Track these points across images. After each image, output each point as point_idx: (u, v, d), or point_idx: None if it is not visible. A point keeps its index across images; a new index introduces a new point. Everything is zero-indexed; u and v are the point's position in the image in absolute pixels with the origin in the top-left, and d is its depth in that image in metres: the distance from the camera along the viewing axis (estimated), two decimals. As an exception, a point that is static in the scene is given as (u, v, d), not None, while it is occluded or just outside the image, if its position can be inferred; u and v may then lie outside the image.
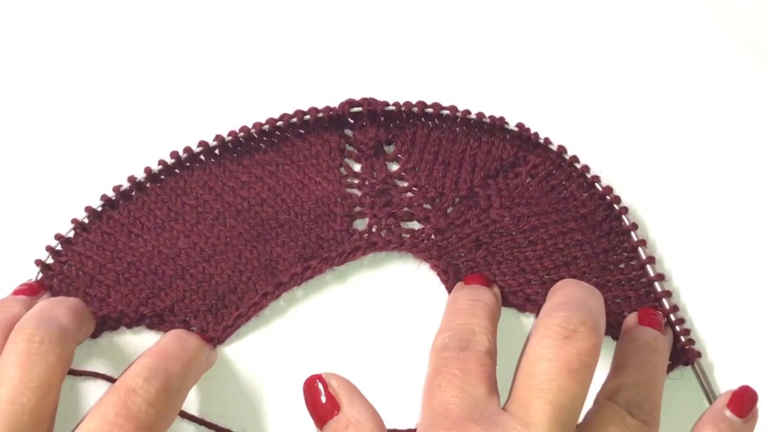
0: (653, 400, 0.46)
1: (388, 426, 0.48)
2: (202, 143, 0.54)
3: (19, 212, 0.54)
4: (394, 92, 0.55)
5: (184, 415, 0.49)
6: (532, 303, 0.52)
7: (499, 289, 0.52)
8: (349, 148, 0.55)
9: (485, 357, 0.44)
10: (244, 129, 0.54)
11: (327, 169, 0.54)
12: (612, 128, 0.58)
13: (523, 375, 0.42)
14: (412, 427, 0.49)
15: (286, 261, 0.52)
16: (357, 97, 0.55)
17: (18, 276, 0.52)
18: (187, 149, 0.54)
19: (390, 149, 0.56)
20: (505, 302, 0.52)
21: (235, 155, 0.55)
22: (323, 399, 0.43)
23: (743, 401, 0.48)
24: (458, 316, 0.48)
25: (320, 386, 0.43)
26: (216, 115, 0.57)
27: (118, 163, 0.54)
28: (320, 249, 0.53)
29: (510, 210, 0.54)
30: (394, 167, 0.55)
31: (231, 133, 0.54)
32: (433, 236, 0.53)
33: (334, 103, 0.55)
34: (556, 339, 0.41)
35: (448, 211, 0.54)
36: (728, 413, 0.47)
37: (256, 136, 0.55)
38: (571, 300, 0.44)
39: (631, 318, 0.51)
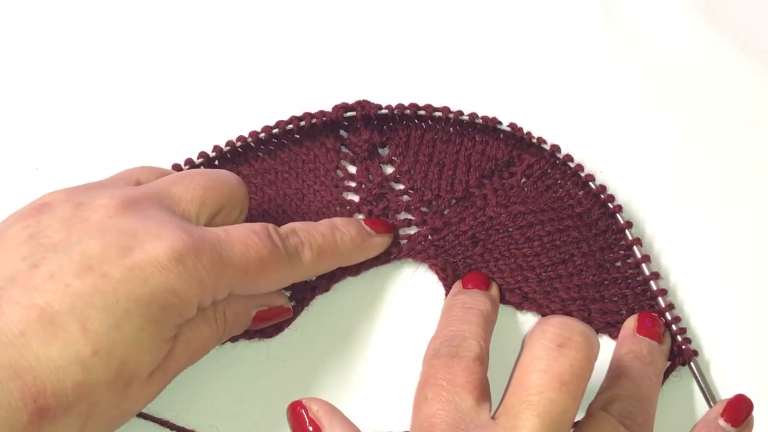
0: (647, 412, 0.46)
1: (387, 428, 0.49)
2: (202, 154, 0.54)
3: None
4: (386, 94, 0.55)
5: (150, 418, 0.50)
6: (529, 301, 0.52)
7: (497, 289, 0.52)
8: (344, 149, 0.56)
9: (474, 364, 0.44)
10: (240, 138, 0.54)
11: (324, 173, 0.55)
12: (608, 126, 0.59)
13: (514, 384, 0.41)
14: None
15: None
16: (350, 99, 0.55)
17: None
18: (189, 161, 0.54)
19: (384, 151, 0.56)
20: (503, 300, 0.52)
21: (234, 165, 0.55)
22: (307, 424, 0.43)
23: (738, 410, 0.48)
24: (451, 323, 0.47)
25: (303, 412, 0.43)
26: (213, 123, 0.57)
27: (117, 167, 0.55)
28: None
29: (506, 208, 0.54)
30: (390, 170, 0.55)
31: (228, 143, 0.54)
32: (429, 236, 0.53)
33: (329, 106, 0.55)
34: (549, 347, 0.41)
35: (445, 213, 0.54)
36: (722, 422, 0.47)
37: (253, 144, 0.55)
38: (568, 317, 0.44)
39: (630, 324, 0.50)
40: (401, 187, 0.55)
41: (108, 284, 0.40)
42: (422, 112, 0.55)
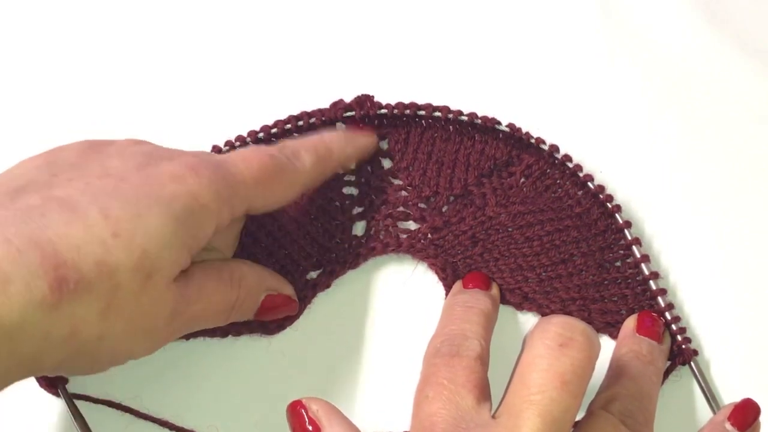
0: (647, 411, 0.46)
1: (386, 427, 0.49)
2: None
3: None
4: (385, 92, 0.55)
5: (150, 418, 0.50)
6: (529, 301, 0.52)
7: (498, 289, 0.52)
8: None
9: (475, 363, 0.44)
10: (239, 138, 0.54)
11: None
12: (608, 126, 0.59)
13: (515, 383, 0.41)
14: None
15: (291, 275, 0.52)
16: (350, 93, 0.55)
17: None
18: None
19: (384, 145, 0.56)
20: (503, 300, 0.52)
21: None
22: (307, 423, 0.43)
23: (745, 414, 0.47)
24: (452, 321, 0.48)
25: (303, 412, 0.43)
26: (213, 123, 0.57)
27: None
28: (323, 258, 0.53)
29: (506, 208, 0.54)
30: (388, 164, 0.55)
31: (227, 143, 0.54)
32: (429, 235, 0.53)
33: (328, 102, 0.55)
34: (551, 346, 0.41)
35: (444, 210, 0.54)
36: (729, 426, 0.47)
37: (251, 144, 0.54)
38: (570, 317, 0.44)
39: (630, 324, 0.50)
40: (400, 182, 0.55)
41: (128, 186, 0.41)
42: (422, 112, 0.55)
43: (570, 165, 0.54)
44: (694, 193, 0.57)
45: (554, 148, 0.54)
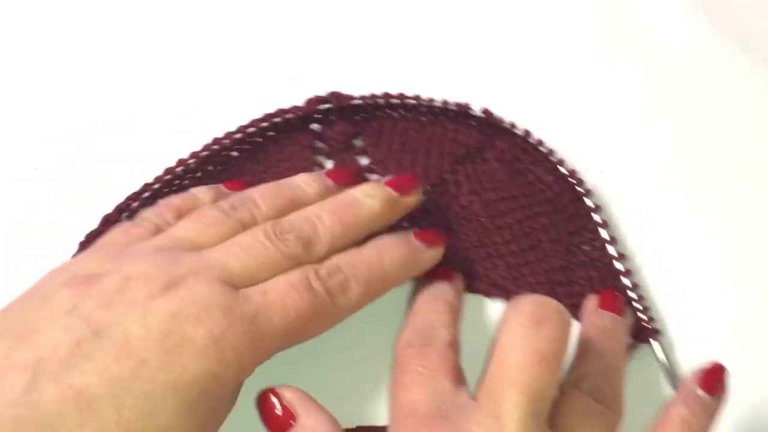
0: (616, 385, 0.45)
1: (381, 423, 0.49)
2: (208, 152, 0.54)
3: (19, 213, 0.55)
4: (359, 85, 0.55)
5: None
6: (498, 288, 0.52)
7: (461, 279, 0.52)
8: (319, 144, 0.55)
9: (447, 350, 0.44)
10: (216, 141, 0.54)
11: (301, 170, 0.54)
12: (608, 126, 0.58)
13: (494, 365, 0.41)
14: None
15: None
16: (321, 93, 0.55)
17: (18, 275, 0.47)
18: (169, 170, 0.53)
19: (359, 143, 0.56)
20: (472, 289, 0.52)
21: (211, 169, 0.54)
22: (278, 411, 0.43)
23: (713, 378, 0.46)
24: (418, 314, 0.48)
25: (274, 399, 0.43)
26: (213, 123, 0.56)
27: (117, 167, 0.55)
28: None
29: (479, 195, 0.54)
30: (365, 161, 0.55)
31: (205, 147, 0.54)
32: (404, 224, 0.52)
33: (300, 101, 0.55)
34: (526, 325, 0.41)
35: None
36: (699, 391, 0.46)
37: (229, 145, 0.54)
38: (541, 296, 0.44)
39: (591, 302, 0.50)
40: (376, 177, 0.55)
41: (146, 371, 0.39)
42: (395, 101, 0.55)
43: (543, 150, 0.54)
44: (696, 194, 0.56)
45: (527, 134, 0.54)
